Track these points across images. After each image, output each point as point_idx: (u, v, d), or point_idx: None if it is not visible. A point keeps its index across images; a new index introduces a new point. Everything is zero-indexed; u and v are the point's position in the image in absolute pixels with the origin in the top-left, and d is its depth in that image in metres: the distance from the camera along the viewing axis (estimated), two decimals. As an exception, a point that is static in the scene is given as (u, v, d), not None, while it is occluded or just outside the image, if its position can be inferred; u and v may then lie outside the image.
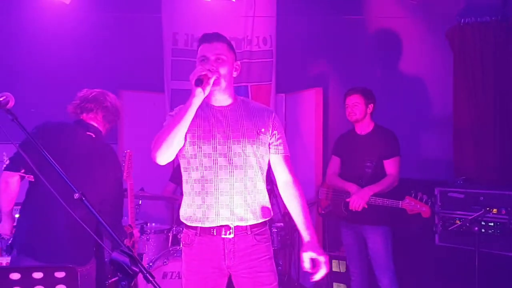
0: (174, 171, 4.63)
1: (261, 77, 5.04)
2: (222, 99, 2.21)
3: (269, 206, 2.29)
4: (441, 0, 4.04)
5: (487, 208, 3.28)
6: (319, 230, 4.59)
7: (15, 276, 1.57)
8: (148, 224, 4.09)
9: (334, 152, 3.74)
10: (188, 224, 2.22)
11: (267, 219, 2.27)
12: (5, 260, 3.06)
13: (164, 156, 2.09)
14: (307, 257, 2.22)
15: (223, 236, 2.15)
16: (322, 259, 2.20)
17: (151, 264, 3.76)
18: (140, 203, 4.01)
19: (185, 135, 2.13)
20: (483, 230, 3.35)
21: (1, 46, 4.62)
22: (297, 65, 5.08)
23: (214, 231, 2.16)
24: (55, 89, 4.69)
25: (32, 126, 2.60)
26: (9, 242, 2.62)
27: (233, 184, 2.14)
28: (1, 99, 1.75)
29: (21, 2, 4.63)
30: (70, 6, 4.40)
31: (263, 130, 2.22)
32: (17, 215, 2.59)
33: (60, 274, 1.57)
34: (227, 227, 2.15)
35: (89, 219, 1.78)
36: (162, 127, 2.18)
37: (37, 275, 1.58)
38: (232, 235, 2.16)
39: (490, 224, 3.36)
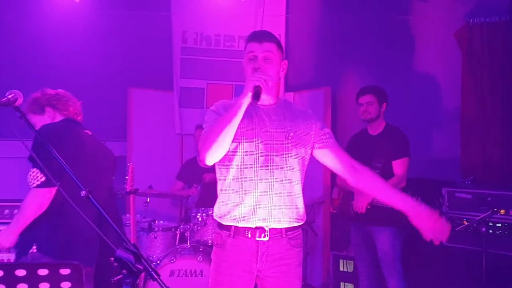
0: (182, 169, 4.65)
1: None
2: (266, 98, 2.16)
3: (304, 210, 2.24)
4: (450, 0, 4.02)
5: (495, 209, 3.26)
6: (327, 231, 4.59)
7: (21, 272, 1.58)
8: (156, 221, 4.11)
9: (346, 151, 3.72)
10: (223, 223, 2.17)
11: (302, 223, 2.22)
12: (6, 257, 3.00)
13: (214, 157, 2.06)
14: (424, 227, 2.10)
15: (257, 238, 2.11)
16: (435, 215, 2.08)
17: (158, 262, 3.76)
18: (148, 200, 4.04)
19: None
20: (490, 231, 3.34)
21: (11, 44, 4.67)
22: (306, 64, 5.08)
23: (249, 234, 2.11)
24: (64, 87, 4.72)
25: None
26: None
27: (273, 184, 2.11)
28: (10, 96, 1.76)
29: (30, 0, 4.68)
30: (79, 4, 4.45)
31: (306, 131, 2.20)
32: None
33: (65, 271, 1.58)
34: (262, 230, 2.11)
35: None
36: (205, 122, 2.17)
37: (43, 271, 1.58)
38: (267, 238, 2.11)
39: (497, 225, 3.34)
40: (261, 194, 2.10)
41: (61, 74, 4.68)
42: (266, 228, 2.11)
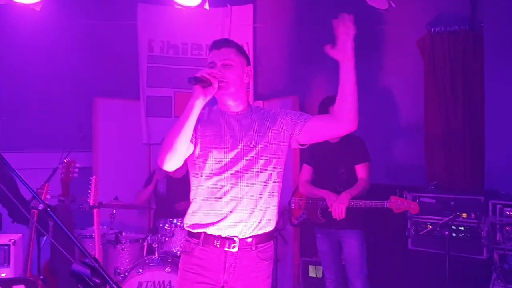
0: (149, 177, 4.59)
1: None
2: (234, 105, 2.15)
3: (277, 218, 2.20)
4: (413, 9, 4.13)
5: (457, 213, 3.35)
6: (297, 238, 4.62)
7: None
8: (123, 233, 4.05)
9: (306, 161, 3.78)
10: (193, 231, 2.14)
11: (272, 230, 2.18)
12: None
13: (172, 162, 2.00)
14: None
15: (226, 249, 2.08)
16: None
17: (126, 274, 3.72)
18: (114, 212, 3.98)
19: (196, 140, 2.08)
20: (453, 234, 3.42)
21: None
22: (275, 73, 5.12)
23: (218, 243, 2.09)
24: (28, 98, 4.64)
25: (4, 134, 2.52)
26: None
27: (244, 188, 2.07)
28: None
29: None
30: (42, 13, 4.35)
31: (278, 130, 2.16)
32: None
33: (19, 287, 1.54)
34: (232, 240, 2.08)
35: None
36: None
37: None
38: (236, 249, 2.08)
39: (460, 228, 3.44)
40: (231, 200, 2.07)
41: (25, 84, 4.59)
42: (236, 239, 2.08)
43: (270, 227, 2.17)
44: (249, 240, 2.10)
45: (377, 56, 4.47)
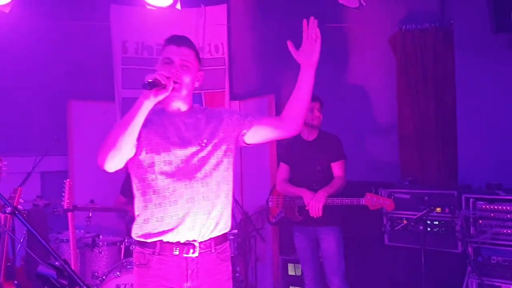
0: (124, 184, 4.53)
1: (214, 84, 5.06)
2: (180, 106, 2.09)
3: (231, 218, 2.16)
4: (384, 7, 4.18)
5: (431, 207, 3.39)
6: (276, 237, 4.63)
7: None
8: (101, 236, 4.01)
9: (282, 159, 3.81)
10: (146, 241, 2.02)
11: (228, 230, 2.14)
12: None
13: (113, 162, 1.89)
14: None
15: (185, 255, 2.00)
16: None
17: (104, 277, 3.69)
18: (90, 215, 3.93)
19: (141, 143, 1.98)
20: (428, 229, 3.48)
21: None
22: (250, 73, 5.13)
23: (177, 250, 1.99)
24: (0, 101, 4.55)
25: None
26: None
27: (199, 189, 2.01)
28: None
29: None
30: (12, 15, 4.27)
31: (224, 129, 2.11)
32: None
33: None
34: (191, 245, 2.00)
35: None
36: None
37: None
38: (196, 254, 2.01)
39: (435, 222, 3.49)
40: (187, 202, 1.99)
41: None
42: (196, 244, 2.01)
43: (227, 228, 2.13)
44: (208, 242, 2.04)
45: (350, 55, 4.51)
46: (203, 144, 2.05)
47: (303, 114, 2.10)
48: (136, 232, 2.06)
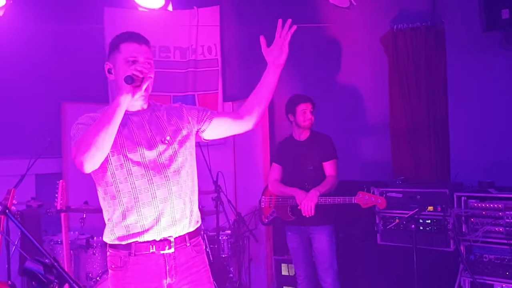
0: None
1: (207, 85, 5.07)
2: (140, 104, 2.07)
3: (199, 212, 2.17)
4: (375, 7, 4.19)
5: (423, 206, 3.39)
6: (269, 237, 4.63)
7: None
8: (95, 237, 4.02)
9: (275, 160, 3.82)
10: (121, 243, 1.98)
11: (199, 224, 2.16)
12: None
13: (93, 161, 1.84)
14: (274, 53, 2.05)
15: (162, 252, 1.99)
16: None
17: (98, 278, 3.71)
18: (84, 216, 3.93)
19: None
20: (421, 228, 3.47)
21: None
22: (243, 74, 5.13)
23: (154, 247, 1.98)
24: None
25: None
26: None
27: (171, 188, 1.99)
28: None
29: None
30: (6, 18, 4.28)
31: (184, 125, 2.11)
32: None
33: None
34: (167, 241, 1.99)
35: None
36: (72, 137, 1.97)
37: None
38: (172, 249, 2.00)
39: (427, 221, 3.49)
40: (160, 202, 1.98)
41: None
42: (171, 239, 2.01)
43: (199, 222, 2.14)
44: (183, 237, 2.05)
45: (342, 54, 4.52)
46: (167, 142, 2.04)
47: (261, 112, 2.13)
48: (108, 236, 2.03)
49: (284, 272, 4.15)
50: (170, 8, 4.46)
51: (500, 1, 3.32)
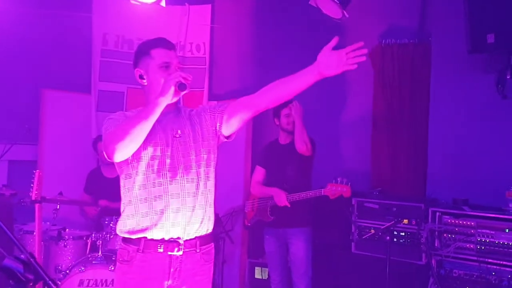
0: (87, 182, 4.43)
1: (193, 83, 5.00)
2: (169, 105, 2.07)
3: (213, 218, 2.17)
4: (365, 21, 4.24)
5: (399, 219, 3.46)
6: (245, 239, 4.64)
7: None
8: (67, 229, 3.94)
9: (258, 162, 3.85)
10: (131, 237, 2.03)
11: (213, 230, 2.16)
12: None
13: (125, 151, 1.93)
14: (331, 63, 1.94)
15: (169, 253, 2.01)
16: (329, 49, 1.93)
17: (67, 271, 3.62)
18: (58, 207, 3.85)
19: None
20: (395, 240, 3.54)
21: None
22: (230, 73, 5.13)
23: (161, 247, 2.01)
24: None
25: None
26: None
27: (184, 185, 2.03)
28: None
29: None
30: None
31: (204, 125, 2.15)
32: None
33: None
34: (176, 243, 2.02)
35: None
36: (105, 129, 2.04)
37: None
38: (181, 252, 2.03)
39: (401, 233, 3.56)
40: (172, 198, 2.02)
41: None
42: (181, 241, 2.03)
43: (211, 226, 2.15)
44: (194, 241, 2.07)
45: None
46: (186, 140, 2.09)
47: (276, 101, 2.14)
48: (121, 228, 2.09)
49: (258, 275, 4.17)
50: (163, 3, 4.42)
51: (486, 25, 3.38)
